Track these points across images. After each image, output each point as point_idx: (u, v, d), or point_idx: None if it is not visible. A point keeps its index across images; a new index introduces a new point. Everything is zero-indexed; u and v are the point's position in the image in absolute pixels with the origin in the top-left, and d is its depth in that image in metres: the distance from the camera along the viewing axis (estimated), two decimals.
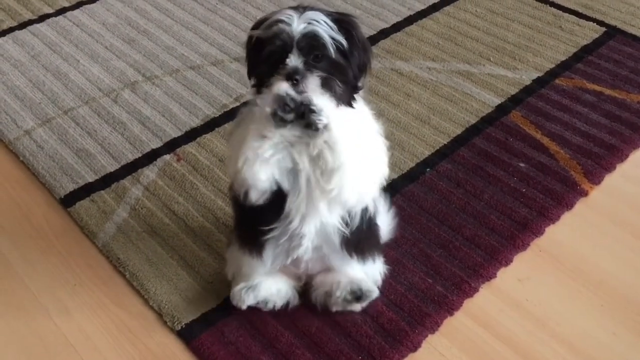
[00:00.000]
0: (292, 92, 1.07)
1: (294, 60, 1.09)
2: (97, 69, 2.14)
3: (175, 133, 1.89)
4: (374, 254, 1.38)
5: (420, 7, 2.39)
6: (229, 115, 1.94)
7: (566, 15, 2.33)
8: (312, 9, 1.12)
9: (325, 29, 1.09)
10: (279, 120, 1.08)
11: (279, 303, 1.38)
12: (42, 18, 2.37)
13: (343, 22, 1.13)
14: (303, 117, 1.08)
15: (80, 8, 2.41)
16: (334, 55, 1.10)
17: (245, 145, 1.13)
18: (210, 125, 1.92)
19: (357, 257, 1.32)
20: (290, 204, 1.19)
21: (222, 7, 2.42)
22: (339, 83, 1.11)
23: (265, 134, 1.11)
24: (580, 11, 2.34)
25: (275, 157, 1.13)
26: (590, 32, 2.24)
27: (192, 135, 1.88)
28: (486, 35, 2.25)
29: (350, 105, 1.15)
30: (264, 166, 1.13)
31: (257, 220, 1.23)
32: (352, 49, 1.12)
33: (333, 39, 1.09)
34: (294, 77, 1.08)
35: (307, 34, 1.08)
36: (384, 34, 2.26)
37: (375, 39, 2.23)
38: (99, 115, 1.96)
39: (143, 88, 2.06)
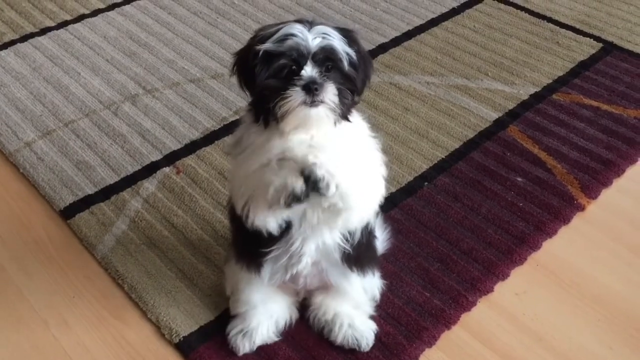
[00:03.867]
0: (299, 186, 1.07)
1: (309, 71, 1.09)
2: (97, 81, 2.15)
3: (175, 146, 1.90)
4: (373, 267, 1.39)
5: (418, 22, 2.42)
6: (229, 128, 1.95)
7: (563, 31, 2.35)
8: (319, 23, 1.13)
9: (339, 43, 1.11)
10: (290, 202, 1.10)
11: (276, 336, 1.39)
12: (44, 31, 2.39)
13: (348, 36, 1.14)
14: (314, 188, 1.08)
15: (82, 21, 2.44)
16: (346, 68, 1.12)
17: (257, 202, 1.13)
18: (210, 138, 1.93)
19: (357, 271, 1.33)
20: (294, 232, 1.20)
21: (223, 21, 2.44)
22: (349, 93, 1.13)
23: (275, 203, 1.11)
24: (578, 27, 2.36)
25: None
26: (587, 48, 2.26)
27: (191, 148, 1.90)
28: (484, 50, 2.27)
29: (348, 119, 1.16)
30: (273, 219, 1.16)
31: (258, 243, 1.23)
32: (359, 62, 1.14)
33: (345, 52, 1.11)
34: (312, 87, 1.08)
35: (324, 47, 1.09)
36: (382, 48, 2.28)
37: (374, 53, 2.25)
38: (99, 128, 1.97)
39: (143, 101, 2.07)
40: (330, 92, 1.09)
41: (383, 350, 1.38)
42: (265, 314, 1.37)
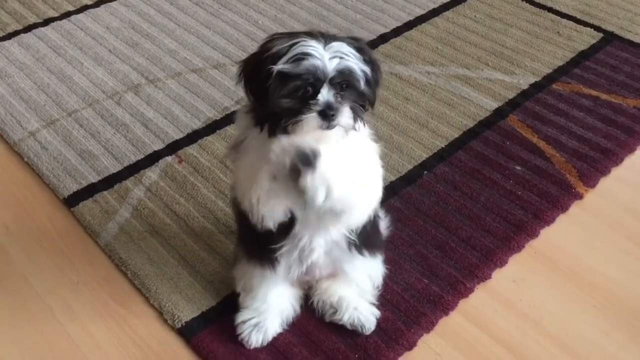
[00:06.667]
0: (311, 148, 1.05)
1: (325, 95, 1.06)
2: (100, 71, 2.17)
3: (177, 135, 1.92)
4: (381, 248, 1.41)
5: (420, 12, 2.42)
6: (230, 117, 1.97)
7: (564, 20, 2.35)
8: (333, 38, 1.09)
9: (356, 63, 1.08)
10: (295, 174, 1.07)
11: (282, 328, 1.41)
12: (47, 21, 2.40)
13: (360, 49, 1.11)
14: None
15: (85, 12, 2.45)
16: (362, 87, 1.10)
17: (259, 185, 1.12)
18: (212, 127, 1.95)
19: (369, 254, 1.35)
20: (298, 228, 1.21)
21: (224, 12, 2.45)
22: (362, 110, 1.13)
23: (277, 175, 1.10)
24: (578, 17, 2.37)
25: (288, 194, 1.13)
26: (587, 38, 2.27)
27: (193, 137, 1.91)
28: (485, 40, 2.28)
29: (355, 128, 1.13)
30: (278, 204, 1.14)
31: (266, 240, 1.24)
32: (372, 75, 1.12)
33: (362, 71, 1.09)
34: (329, 113, 1.06)
35: (342, 70, 1.06)
36: (383, 38, 2.29)
37: (375, 43, 2.26)
38: (102, 117, 1.99)
39: (146, 91, 2.09)
40: (345, 115, 1.08)
41: (382, 335, 1.40)
42: (277, 309, 1.39)
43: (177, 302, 1.47)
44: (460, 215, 1.66)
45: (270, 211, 1.16)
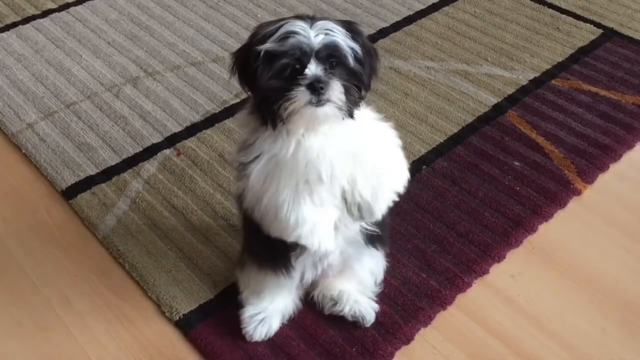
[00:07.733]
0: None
1: (313, 69, 1.05)
2: (99, 64, 2.16)
3: (176, 128, 1.92)
4: (387, 241, 1.42)
5: (419, 7, 2.42)
6: (229, 111, 1.96)
7: (564, 16, 2.35)
8: (320, 18, 1.08)
9: (343, 38, 1.07)
10: None
11: (282, 323, 1.41)
12: (46, 13, 2.39)
13: (351, 30, 1.10)
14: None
15: (84, 4, 2.44)
16: (352, 64, 1.08)
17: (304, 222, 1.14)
18: (211, 120, 1.94)
19: (380, 247, 1.36)
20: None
21: (224, 5, 2.45)
22: (355, 90, 1.10)
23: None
24: (578, 13, 2.36)
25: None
26: (587, 34, 2.27)
27: (192, 130, 1.91)
28: (484, 35, 2.27)
29: (352, 116, 1.12)
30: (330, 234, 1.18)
31: (282, 249, 1.23)
32: (364, 56, 1.10)
33: (350, 47, 1.07)
34: (317, 86, 1.04)
35: (328, 44, 1.05)
36: (383, 33, 2.29)
37: (374, 38, 2.25)
38: (100, 110, 1.98)
39: (144, 83, 2.08)
40: (336, 90, 1.06)
41: (379, 329, 1.40)
42: (282, 307, 1.40)
43: (175, 295, 1.47)
44: (458, 210, 1.66)
45: (324, 243, 1.17)
